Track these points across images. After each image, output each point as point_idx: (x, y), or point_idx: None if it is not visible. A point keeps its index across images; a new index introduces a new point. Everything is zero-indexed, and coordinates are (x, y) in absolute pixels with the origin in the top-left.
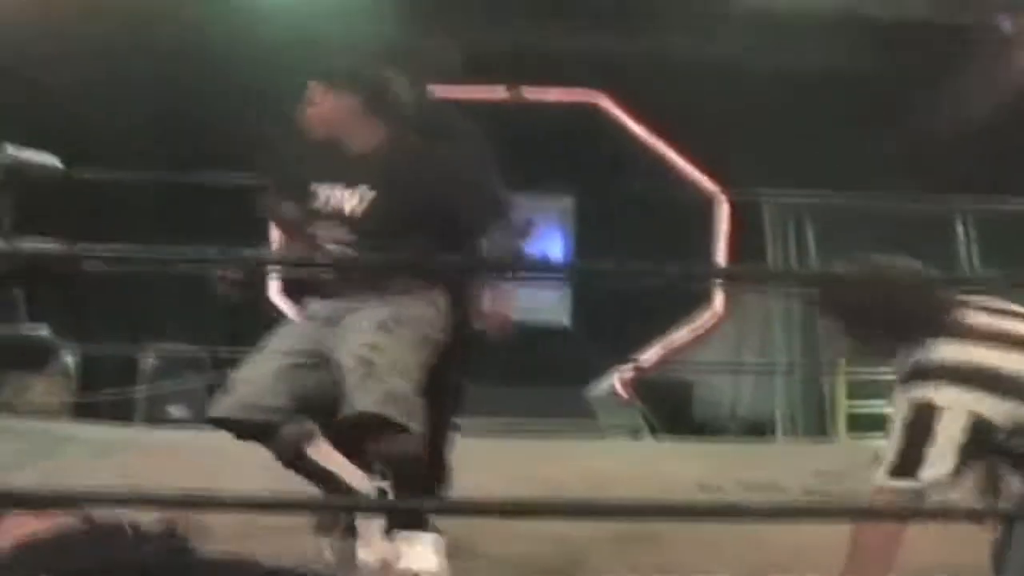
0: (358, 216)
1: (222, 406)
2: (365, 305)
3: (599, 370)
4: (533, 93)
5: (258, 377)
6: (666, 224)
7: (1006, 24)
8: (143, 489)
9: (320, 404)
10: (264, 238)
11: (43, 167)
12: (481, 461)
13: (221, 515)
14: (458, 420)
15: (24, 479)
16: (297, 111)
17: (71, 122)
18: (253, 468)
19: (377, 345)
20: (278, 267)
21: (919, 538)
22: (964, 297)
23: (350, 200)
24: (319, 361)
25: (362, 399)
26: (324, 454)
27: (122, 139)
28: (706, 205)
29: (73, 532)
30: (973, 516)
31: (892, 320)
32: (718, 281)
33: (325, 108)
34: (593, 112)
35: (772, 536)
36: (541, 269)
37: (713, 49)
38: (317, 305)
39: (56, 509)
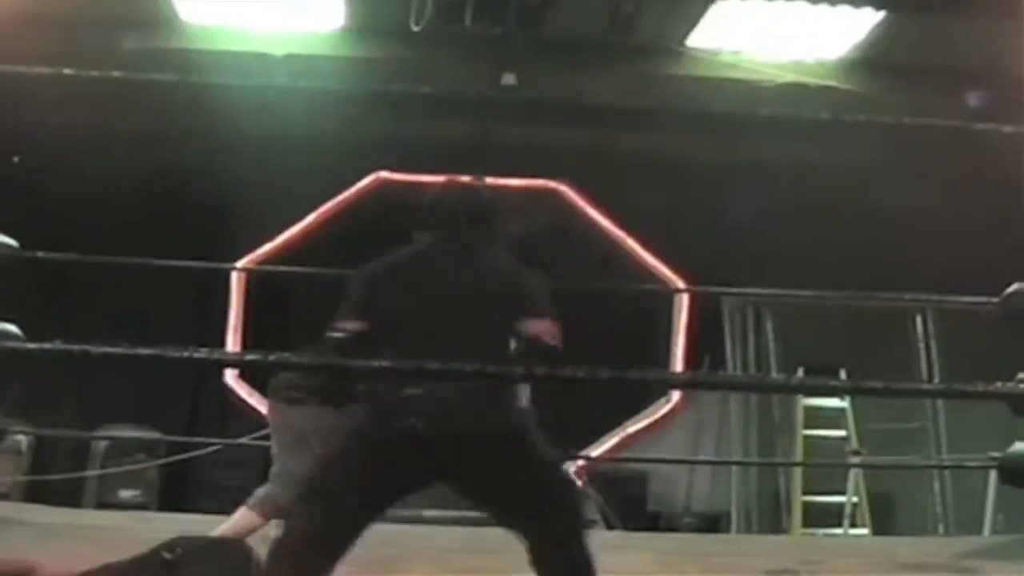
0: None
1: None
2: None
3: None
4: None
5: None
6: (627, 313)
7: (973, 100)
8: None
9: None
10: None
11: None
12: (426, 552)
13: None
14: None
15: None
16: None
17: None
18: None
19: None
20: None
21: None
22: None
23: None
24: None
25: None
26: None
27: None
28: (666, 295)
29: None
30: None
31: None
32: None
33: None
34: (553, 200)
35: None
36: (495, 375)
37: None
38: None
39: None
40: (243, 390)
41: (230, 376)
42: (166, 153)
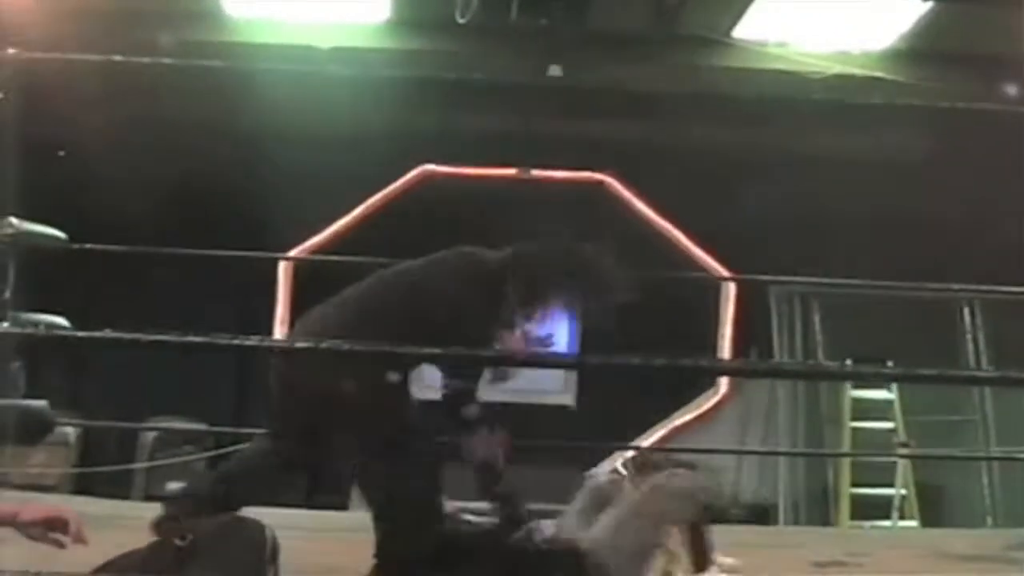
0: None
1: None
2: None
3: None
4: (541, 173)
5: None
6: (673, 306)
7: (1011, 90)
8: None
9: None
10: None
11: (46, 238)
12: None
13: None
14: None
15: (7, 553)
16: None
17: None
18: None
19: None
20: None
21: None
22: None
23: None
24: None
25: None
26: None
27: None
28: (713, 286)
29: None
30: None
31: None
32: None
33: None
34: (599, 191)
35: None
36: (550, 364)
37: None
38: None
39: None
40: None
41: None
42: (205, 149)
